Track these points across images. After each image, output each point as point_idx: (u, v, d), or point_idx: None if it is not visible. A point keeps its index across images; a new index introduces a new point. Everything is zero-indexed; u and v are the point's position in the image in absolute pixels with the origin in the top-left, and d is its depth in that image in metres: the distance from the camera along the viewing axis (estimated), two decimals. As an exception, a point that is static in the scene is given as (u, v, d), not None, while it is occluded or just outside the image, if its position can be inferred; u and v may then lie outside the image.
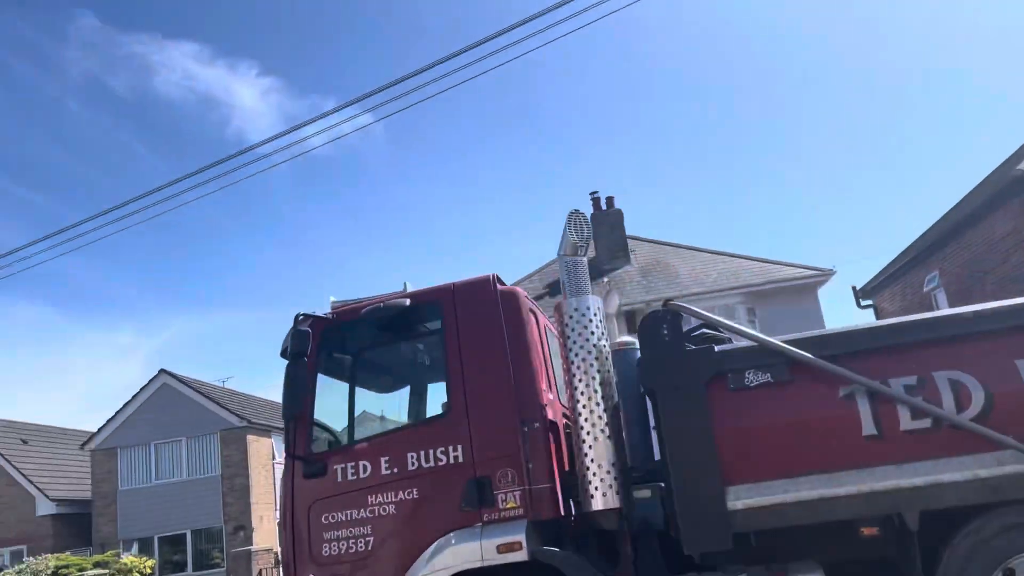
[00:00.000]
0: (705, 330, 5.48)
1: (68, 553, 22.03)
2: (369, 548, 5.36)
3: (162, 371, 26.61)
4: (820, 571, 4.92)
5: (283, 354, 5.64)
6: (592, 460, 5.17)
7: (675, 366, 5.15)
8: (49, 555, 21.41)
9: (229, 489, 24.79)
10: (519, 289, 5.94)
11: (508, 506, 5.23)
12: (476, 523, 5.21)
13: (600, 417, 5.22)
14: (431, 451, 5.41)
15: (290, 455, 5.65)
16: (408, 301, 5.78)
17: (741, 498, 4.87)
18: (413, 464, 5.42)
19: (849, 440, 4.82)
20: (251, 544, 23.47)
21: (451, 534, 5.19)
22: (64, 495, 27.13)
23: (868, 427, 4.80)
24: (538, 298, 18.05)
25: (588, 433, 5.21)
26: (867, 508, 4.79)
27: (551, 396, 5.64)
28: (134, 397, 26.46)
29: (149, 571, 22.26)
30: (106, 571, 18.10)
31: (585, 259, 5.74)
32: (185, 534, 25.10)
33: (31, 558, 21.73)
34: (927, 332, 4.95)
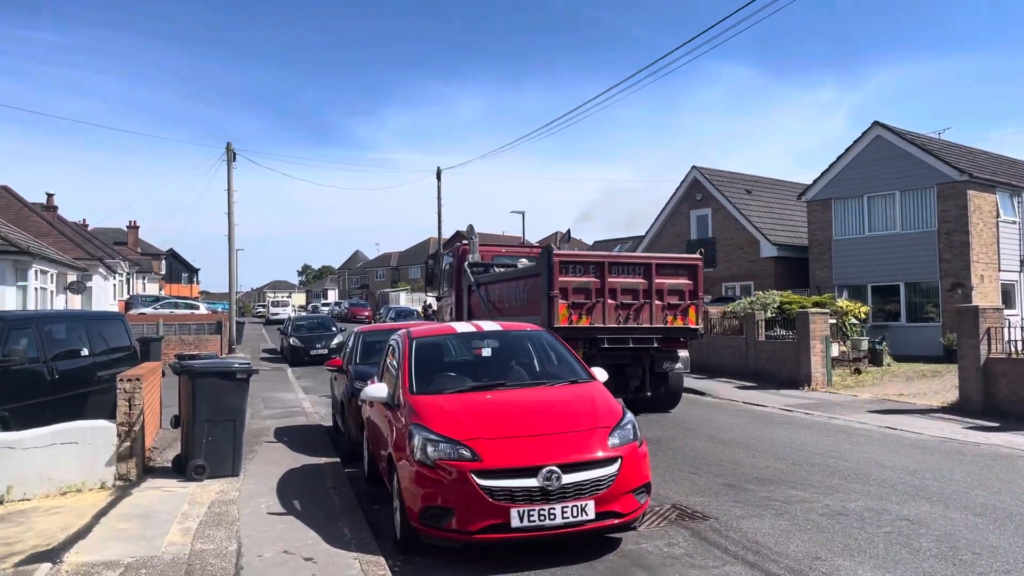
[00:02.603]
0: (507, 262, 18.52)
1: (789, 292, 23.71)
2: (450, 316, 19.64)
3: (875, 123, 26.20)
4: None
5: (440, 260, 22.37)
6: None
7: (466, 280, 17.85)
8: (773, 291, 23.59)
9: (946, 245, 23.97)
10: (465, 248, 18.92)
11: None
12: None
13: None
14: (449, 300, 20.45)
15: (440, 296, 22.34)
16: (445, 250, 25.46)
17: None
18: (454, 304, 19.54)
19: (483, 312, 16.33)
20: (969, 301, 21.91)
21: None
22: (783, 240, 29.68)
23: (488, 308, 16.25)
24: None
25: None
26: None
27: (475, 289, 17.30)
28: (847, 151, 26.67)
29: (863, 316, 22.57)
30: (825, 311, 19.17)
31: (476, 239, 18.68)
32: (898, 286, 25.31)
33: (759, 292, 24.54)
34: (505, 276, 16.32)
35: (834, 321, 20.66)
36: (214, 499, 7.84)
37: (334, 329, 31.23)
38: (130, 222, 67.16)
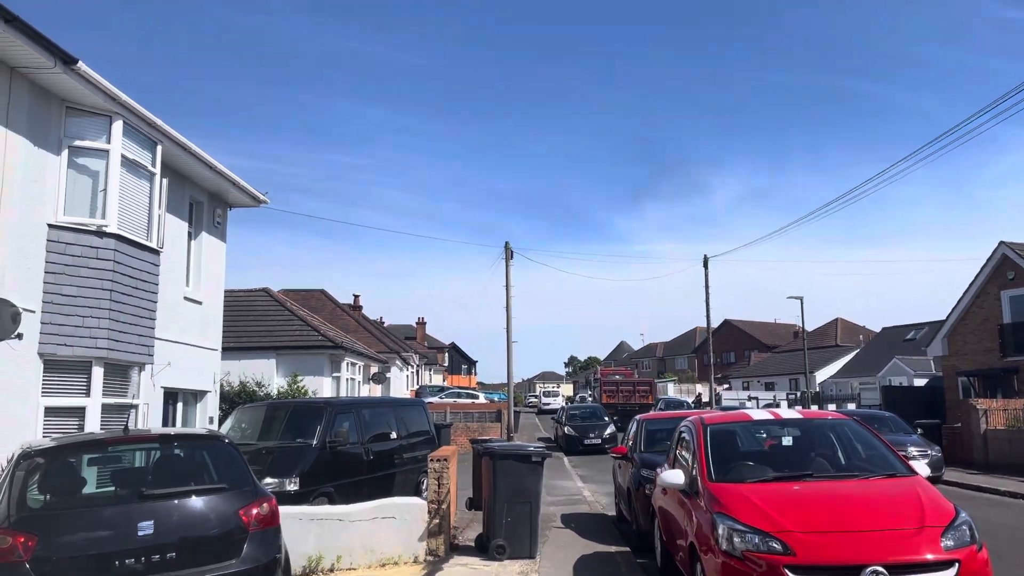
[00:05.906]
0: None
1: None
2: None
3: None
4: None
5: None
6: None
7: (591, 387, 71.80)
8: None
9: None
10: (594, 370, 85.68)
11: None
12: None
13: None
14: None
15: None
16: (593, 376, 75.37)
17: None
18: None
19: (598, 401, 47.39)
20: None
21: None
22: None
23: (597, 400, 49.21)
24: None
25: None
26: None
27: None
28: None
29: None
30: None
31: (599, 368, 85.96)
32: None
33: None
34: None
35: None
36: (516, 579, 8.12)
37: (606, 419, 31.49)
38: (418, 319, 73.98)
